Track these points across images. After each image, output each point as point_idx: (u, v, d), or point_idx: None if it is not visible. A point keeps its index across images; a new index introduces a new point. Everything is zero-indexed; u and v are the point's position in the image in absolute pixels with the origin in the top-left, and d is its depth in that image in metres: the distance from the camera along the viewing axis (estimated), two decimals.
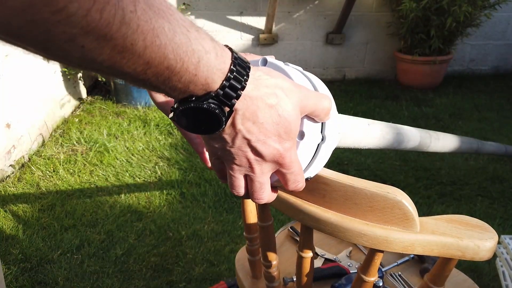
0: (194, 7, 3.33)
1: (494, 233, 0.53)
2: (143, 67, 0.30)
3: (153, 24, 0.28)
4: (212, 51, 0.33)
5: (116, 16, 0.26)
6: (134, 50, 0.28)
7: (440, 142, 0.95)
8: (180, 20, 0.31)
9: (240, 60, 0.36)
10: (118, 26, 0.26)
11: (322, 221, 0.53)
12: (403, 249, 0.50)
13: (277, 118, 0.37)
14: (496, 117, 2.87)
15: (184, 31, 0.31)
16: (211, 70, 0.33)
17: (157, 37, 0.29)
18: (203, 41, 0.33)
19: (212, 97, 0.34)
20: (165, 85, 0.32)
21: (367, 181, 0.51)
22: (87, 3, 0.24)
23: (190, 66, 0.32)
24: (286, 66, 0.45)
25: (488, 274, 1.46)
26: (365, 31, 3.56)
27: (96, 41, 0.26)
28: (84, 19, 0.25)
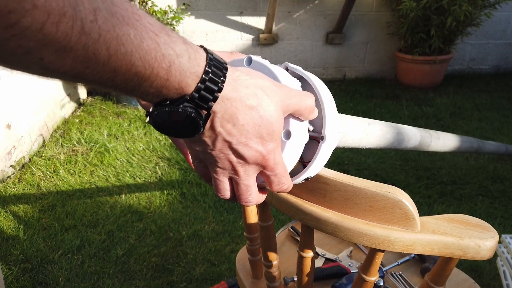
0: (194, 7, 3.33)
1: (494, 232, 0.53)
2: (110, 75, 0.29)
3: (116, 32, 0.28)
4: (185, 54, 0.33)
5: (74, 27, 0.25)
6: (98, 59, 0.27)
7: (441, 141, 0.95)
8: (148, 24, 0.30)
9: (216, 61, 0.35)
10: (78, 37, 0.26)
11: (323, 221, 0.53)
12: (403, 248, 0.50)
13: (259, 120, 0.36)
14: (496, 117, 2.86)
15: (152, 36, 0.30)
16: (183, 74, 0.33)
17: (122, 45, 0.28)
18: (174, 44, 0.32)
19: (187, 100, 0.34)
20: (136, 90, 0.32)
21: (367, 181, 0.51)
22: (41, 17, 0.24)
23: (161, 71, 0.31)
24: (271, 65, 0.44)
25: (489, 273, 1.46)
26: (365, 31, 3.56)
27: (55, 53, 0.26)
28: (40, 32, 0.24)
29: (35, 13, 0.23)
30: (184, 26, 3.37)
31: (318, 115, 0.48)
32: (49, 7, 0.24)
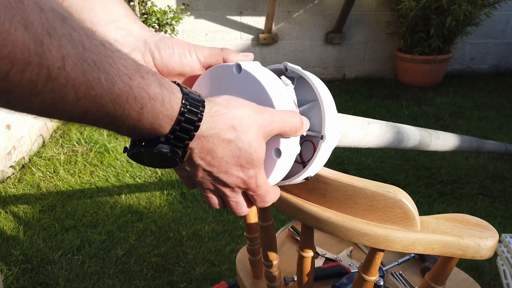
0: (193, 7, 3.33)
1: (494, 231, 0.53)
2: (80, 115, 0.29)
3: (86, 77, 0.27)
4: (158, 97, 0.32)
5: (40, 75, 0.25)
6: (66, 102, 0.27)
7: (440, 141, 0.95)
8: (122, 67, 0.30)
9: (192, 100, 0.35)
10: (44, 83, 0.25)
11: (323, 220, 0.53)
12: (403, 248, 0.50)
13: (237, 151, 0.37)
14: (496, 116, 2.86)
15: (125, 79, 0.30)
16: (156, 116, 0.33)
17: (91, 89, 0.28)
18: (148, 87, 0.32)
19: (161, 142, 0.34)
20: (109, 127, 0.32)
21: (367, 180, 0.51)
22: (4, 66, 0.23)
23: (132, 113, 0.31)
24: (261, 74, 0.42)
25: (489, 272, 1.46)
26: (365, 31, 3.56)
27: (21, 97, 0.25)
28: (4, 80, 0.24)
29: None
30: (184, 26, 3.37)
31: (318, 115, 0.48)
32: (13, 57, 0.23)
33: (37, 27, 0.24)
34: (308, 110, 0.50)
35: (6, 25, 0.23)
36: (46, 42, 0.25)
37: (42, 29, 0.25)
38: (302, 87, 0.50)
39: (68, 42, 0.26)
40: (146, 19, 2.89)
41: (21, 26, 0.23)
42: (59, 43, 0.26)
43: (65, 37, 0.26)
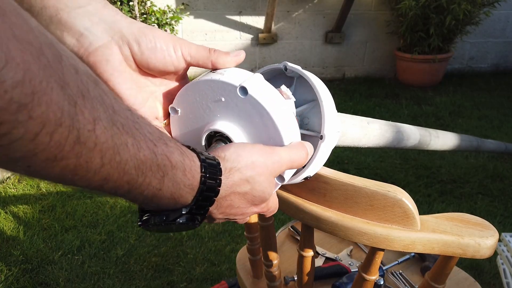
0: (193, 7, 3.32)
1: (494, 230, 0.53)
2: (100, 183, 0.28)
3: (114, 141, 0.27)
4: (180, 166, 0.32)
5: (69, 137, 0.24)
6: (89, 167, 0.26)
7: (440, 140, 0.95)
8: (148, 134, 0.30)
9: (210, 167, 0.34)
10: (72, 146, 0.24)
11: (323, 220, 0.53)
12: (403, 247, 0.50)
13: (252, 198, 0.38)
14: (496, 115, 2.87)
15: (150, 145, 0.29)
16: (177, 186, 0.32)
17: (117, 154, 0.27)
18: (171, 155, 0.31)
19: (182, 214, 0.34)
20: (126, 196, 0.30)
21: (367, 180, 0.51)
22: (35, 128, 0.22)
23: (153, 181, 0.30)
24: (268, 100, 0.40)
25: (489, 272, 1.46)
26: (365, 30, 3.56)
27: (44, 162, 0.24)
28: (31, 143, 0.22)
29: (29, 124, 0.21)
30: (183, 26, 3.37)
31: (317, 115, 0.48)
32: (46, 118, 0.22)
33: (72, 88, 0.24)
34: (307, 110, 0.50)
35: (43, 84, 0.22)
36: (79, 103, 0.24)
37: (77, 90, 0.24)
38: (301, 87, 0.50)
39: (100, 105, 0.26)
40: (146, 19, 2.89)
41: (57, 86, 0.23)
42: (92, 105, 0.25)
43: (97, 100, 0.26)
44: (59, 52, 0.24)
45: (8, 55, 0.20)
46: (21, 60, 0.21)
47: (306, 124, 0.50)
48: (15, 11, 0.22)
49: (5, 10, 0.21)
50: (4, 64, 0.20)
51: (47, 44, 0.23)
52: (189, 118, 0.44)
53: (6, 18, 0.20)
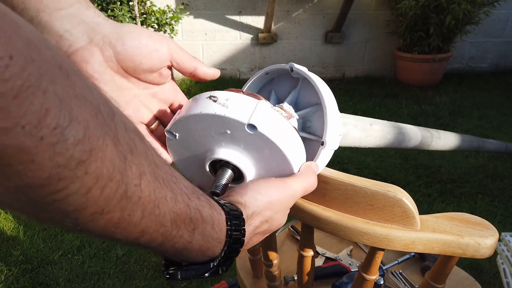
0: (192, 6, 3.32)
1: (494, 230, 0.53)
2: (137, 235, 0.28)
3: (156, 195, 0.28)
4: (209, 220, 0.33)
5: (117, 191, 0.25)
6: (131, 220, 0.27)
7: (441, 140, 0.95)
8: (184, 187, 0.31)
9: (235, 219, 0.35)
10: (119, 200, 0.25)
11: (323, 220, 0.53)
12: (403, 247, 0.50)
13: (269, 232, 0.41)
14: (496, 115, 2.87)
15: (185, 199, 0.31)
16: (206, 239, 0.33)
17: (157, 207, 0.28)
18: (202, 208, 0.32)
19: (210, 268, 0.35)
20: (157, 248, 0.31)
21: (367, 180, 0.51)
22: (89, 182, 0.23)
23: (185, 234, 0.31)
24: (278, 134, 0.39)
25: (489, 271, 1.46)
26: (364, 30, 3.56)
27: (91, 215, 0.25)
28: (84, 197, 0.23)
29: (84, 179, 0.23)
30: (183, 26, 3.37)
31: (320, 119, 0.48)
32: (100, 173, 0.23)
33: (123, 144, 0.25)
34: (311, 113, 0.50)
35: (100, 141, 0.23)
36: (129, 159, 0.25)
37: (127, 146, 0.25)
38: (306, 89, 0.50)
39: (145, 160, 0.27)
40: (145, 19, 2.89)
41: (111, 142, 0.24)
42: (139, 160, 0.26)
43: (143, 155, 0.27)
44: (112, 109, 0.25)
45: (72, 114, 0.21)
46: (82, 119, 0.22)
47: (308, 127, 0.50)
48: (76, 72, 0.23)
49: (68, 71, 0.22)
50: (68, 123, 0.21)
51: (103, 102, 0.24)
52: (189, 142, 0.43)
53: (69, 78, 0.22)
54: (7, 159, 0.19)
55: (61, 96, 0.21)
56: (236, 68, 3.57)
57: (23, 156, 0.20)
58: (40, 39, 0.21)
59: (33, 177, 0.21)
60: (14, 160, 0.20)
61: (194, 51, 3.49)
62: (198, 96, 0.41)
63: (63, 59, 0.22)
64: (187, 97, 0.51)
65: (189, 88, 3.30)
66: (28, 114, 0.19)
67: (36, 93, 0.19)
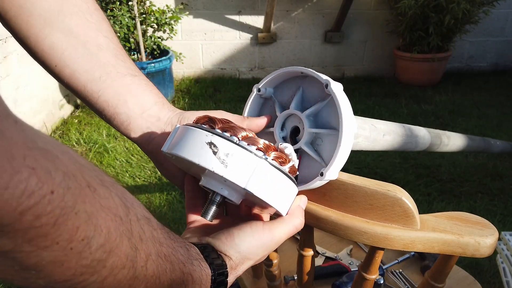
0: (192, 6, 3.32)
1: (494, 229, 0.53)
2: None
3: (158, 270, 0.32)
4: (197, 281, 0.37)
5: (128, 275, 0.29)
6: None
7: (448, 146, 0.94)
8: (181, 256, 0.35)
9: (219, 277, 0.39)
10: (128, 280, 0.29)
11: (323, 219, 0.53)
12: (403, 246, 0.50)
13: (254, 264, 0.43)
14: (495, 114, 2.87)
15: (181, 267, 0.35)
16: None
17: (158, 279, 0.32)
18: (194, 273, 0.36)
19: None
20: None
21: (367, 179, 0.51)
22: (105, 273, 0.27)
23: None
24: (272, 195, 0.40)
25: (488, 270, 1.46)
26: (364, 29, 3.56)
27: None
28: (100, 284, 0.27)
29: (102, 271, 0.26)
30: (183, 25, 3.37)
31: (332, 145, 0.48)
32: (115, 265, 0.27)
33: (135, 236, 0.29)
34: (325, 135, 0.49)
35: (117, 240, 0.27)
36: (139, 247, 0.29)
37: (138, 236, 0.29)
38: (328, 108, 0.51)
39: (151, 242, 0.31)
40: (145, 19, 2.89)
41: (126, 239, 0.28)
42: (147, 245, 0.30)
43: (149, 238, 0.31)
44: (127, 206, 0.29)
45: (97, 224, 0.25)
46: (105, 226, 0.26)
47: (318, 145, 0.50)
48: (99, 183, 0.27)
49: (95, 187, 0.26)
50: (93, 233, 0.25)
51: (120, 203, 0.28)
52: (184, 162, 0.43)
53: (96, 193, 0.26)
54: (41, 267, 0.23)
55: (90, 211, 0.25)
56: (235, 68, 3.57)
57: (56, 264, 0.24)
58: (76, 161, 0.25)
59: (60, 275, 0.24)
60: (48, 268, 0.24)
61: (193, 51, 3.49)
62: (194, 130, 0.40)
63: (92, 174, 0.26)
64: (186, 96, 0.52)
65: (189, 88, 3.30)
66: (63, 233, 0.23)
67: (70, 215, 0.23)
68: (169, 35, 3.04)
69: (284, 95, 0.54)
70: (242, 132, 0.40)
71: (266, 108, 0.55)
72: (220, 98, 3.12)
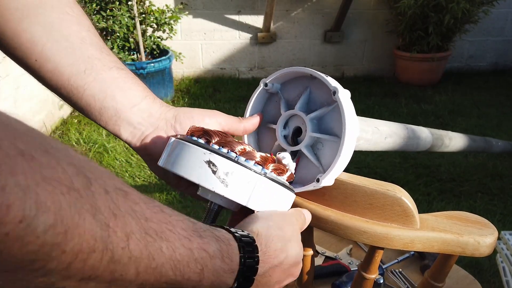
0: (191, 6, 3.32)
1: (494, 229, 0.53)
2: None
3: (148, 250, 0.27)
4: (218, 255, 0.32)
5: (103, 259, 0.24)
6: (125, 278, 0.26)
7: (449, 148, 0.94)
8: (182, 231, 0.30)
9: (247, 246, 0.35)
10: (106, 266, 0.24)
11: (322, 219, 0.53)
12: (403, 246, 0.50)
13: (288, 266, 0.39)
14: (495, 114, 2.87)
15: (185, 243, 0.30)
16: (217, 274, 0.32)
17: (152, 260, 0.27)
18: (207, 245, 0.31)
19: None
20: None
21: (367, 179, 0.51)
22: (68, 258, 0.22)
23: (193, 276, 0.30)
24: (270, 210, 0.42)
25: (488, 270, 1.46)
26: (364, 29, 3.56)
27: (78, 282, 0.24)
28: (65, 270, 0.23)
29: (62, 257, 0.22)
30: (182, 25, 3.37)
31: (332, 151, 0.49)
32: (79, 249, 0.23)
33: (104, 211, 0.24)
34: (325, 140, 0.49)
35: (75, 219, 0.22)
36: (112, 225, 0.25)
37: (108, 212, 0.25)
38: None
39: (132, 218, 0.26)
40: (144, 19, 2.89)
41: (89, 215, 0.23)
42: (124, 221, 0.25)
43: (129, 214, 0.26)
44: (88, 177, 0.24)
45: (38, 201, 0.20)
46: (52, 202, 0.21)
47: (318, 149, 0.50)
48: (42, 150, 0.22)
49: (32, 155, 0.21)
50: (35, 212, 0.20)
51: (76, 173, 0.23)
52: None
53: (33, 162, 0.21)
54: None
55: (24, 185, 0.20)
56: (235, 68, 3.57)
57: None
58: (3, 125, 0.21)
59: (4, 265, 0.20)
60: None
61: (193, 50, 3.49)
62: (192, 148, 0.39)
63: (30, 140, 0.21)
64: (186, 96, 0.52)
65: (189, 87, 3.30)
66: None
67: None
68: (168, 35, 3.04)
69: (290, 92, 0.53)
70: (239, 146, 0.40)
71: (271, 104, 0.55)
72: (220, 98, 3.12)
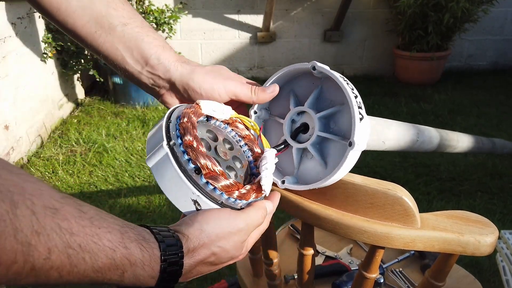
0: (191, 5, 3.32)
1: (494, 228, 0.53)
2: (63, 284, 0.32)
3: (71, 260, 0.31)
4: (138, 263, 0.35)
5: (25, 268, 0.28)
6: (50, 280, 0.30)
7: (457, 149, 0.94)
8: (108, 242, 0.33)
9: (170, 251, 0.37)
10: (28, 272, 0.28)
11: (323, 218, 0.53)
12: (404, 245, 0.50)
13: (220, 263, 0.41)
14: (495, 113, 2.87)
15: (109, 253, 0.33)
16: (137, 278, 0.35)
17: (75, 267, 0.31)
18: (130, 256, 0.34)
19: None
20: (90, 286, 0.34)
21: (367, 178, 0.51)
22: None
23: (114, 277, 0.34)
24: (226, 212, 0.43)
25: (488, 269, 1.46)
26: (363, 28, 3.56)
27: (7, 282, 0.28)
28: None
29: None
30: (182, 25, 3.37)
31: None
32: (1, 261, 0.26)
33: (26, 231, 0.28)
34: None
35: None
36: (33, 242, 0.28)
37: (31, 231, 0.28)
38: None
39: (56, 235, 0.30)
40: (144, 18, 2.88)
41: (10, 236, 0.27)
42: (47, 238, 0.29)
43: (54, 230, 0.30)
44: (14, 201, 0.28)
45: None
46: None
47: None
48: None
49: None
50: None
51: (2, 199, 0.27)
52: None
53: None
54: None
55: None
56: (235, 67, 3.57)
57: None
58: None
59: None
60: None
61: (192, 50, 3.49)
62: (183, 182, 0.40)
63: None
64: None
65: None
66: None
67: None
68: (168, 35, 3.04)
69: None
70: (227, 181, 0.41)
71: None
72: None
